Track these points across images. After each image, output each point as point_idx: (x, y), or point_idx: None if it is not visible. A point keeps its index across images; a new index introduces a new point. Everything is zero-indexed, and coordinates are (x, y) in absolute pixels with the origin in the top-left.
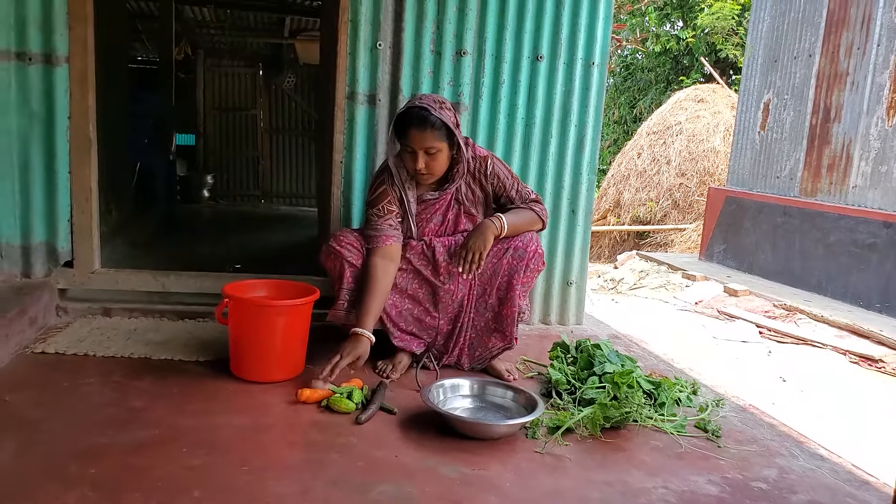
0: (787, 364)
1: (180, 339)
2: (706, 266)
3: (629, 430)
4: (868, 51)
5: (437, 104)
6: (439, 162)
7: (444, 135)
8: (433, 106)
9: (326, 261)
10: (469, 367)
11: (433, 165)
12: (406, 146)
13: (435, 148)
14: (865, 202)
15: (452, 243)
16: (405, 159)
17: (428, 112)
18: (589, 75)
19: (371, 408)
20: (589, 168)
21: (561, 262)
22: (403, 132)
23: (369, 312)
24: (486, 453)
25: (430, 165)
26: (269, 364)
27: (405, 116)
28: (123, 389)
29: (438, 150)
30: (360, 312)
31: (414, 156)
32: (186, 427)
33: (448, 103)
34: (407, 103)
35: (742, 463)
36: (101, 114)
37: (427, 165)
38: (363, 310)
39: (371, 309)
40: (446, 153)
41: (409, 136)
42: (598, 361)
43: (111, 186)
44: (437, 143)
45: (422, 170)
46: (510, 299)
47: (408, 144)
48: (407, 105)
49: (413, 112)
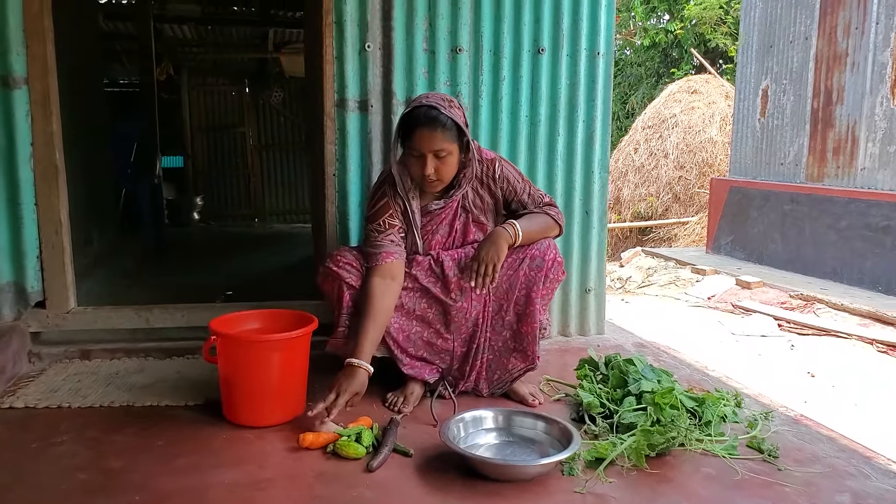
0: (812, 358)
1: (168, 381)
2: (714, 259)
3: (674, 455)
4: (867, 29)
5: (447, 102)
6: (449, 166)
7: (454, 136)
8: (442, 104)
9: (324, 283)
10: (488, 393)
11: (443, 170)
12: (413, 150)
13: (445, 151)
14: (875, 184)
15: (462, 256)
16: (410, 165)
17: (437, 111)
18: (594, 66)
19: (383, 451)
20: (601, 166)
21: (577, 269)
22: (409, 134)
23: (367, 339)
24: (518, 497)
25: (439, 170)
26: (265, 406)
27: (412, 116)
28: (100, 447)
29: (449, 153)
30: (356, 339)
31: (422, 160)
32: (172, 489)
33: (456, 102)
34: (412, 102)
35: (809, 489)
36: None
37: (437, 170)
38: (360, 336)
39: (368, 335)
40: (456, 156)
41: (417, 139)
42: (633, 379)
43: (90, 215)
44: (448, 146)
45: (430, 176)
46: (529, 315)
47: (415, 147)
48: (413, 104)
49: (421, 111)
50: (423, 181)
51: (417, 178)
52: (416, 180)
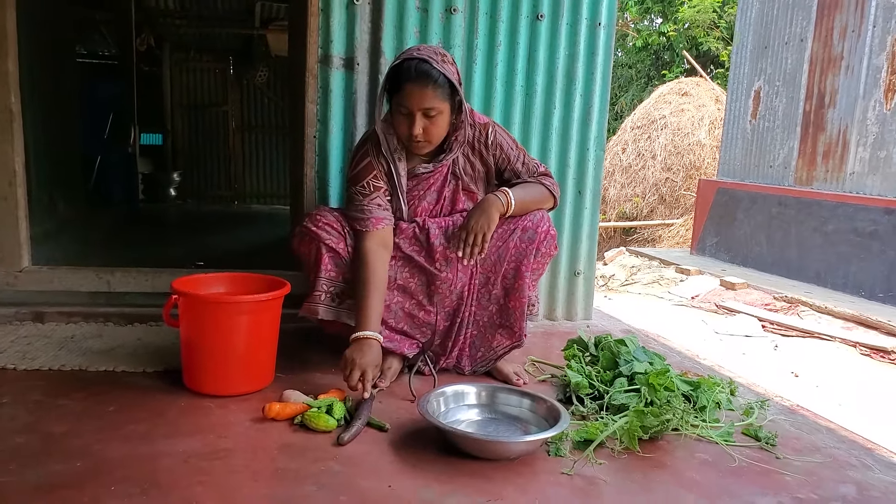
0: (795, 358)
1: (126, 347)
2: (699, 260)
3: (667, 440)
4: (863, 32)
5: (440, 56)
6: (439, 127)
7: (446, 94)
8: (435, 58)
9: (300, 245)
10: (471, 371)
11: (431, 131)
12: (400, 106)
13: (435, 110)
14: (864, 189)
15: (450, 224)
16: (397, 123)
17: (429, 65)
18: (595, 37)
19: (356, 424)
20: (596, 143)
21: (567, 250)
22: (397, 89)
23: (371, 309)
24: (500, 478)
25: (427, 131)
26: (230, 373)
27: (401, 69)
28: (43, 410)
29: (439, 113)
30: (361, 313)
31: (410, 118)
32: (118, 457)
33: (450, 57)
34: (402, 54)
35: (811, 478)
36: (36, 89)
37: (425, 131)
38: (366, 309)
39: (374, 307)
40: (447, 117)
41: (406, 94)
42: (625, 360)
43: (56, 179)
44: (439, 104)
45: (417, 136)
46: (518, 289)
47: (402, 104)
48: (403, 56)
49: (412, 64)
50: (409, 142)
51: (404, 138)
52: (402, 140)
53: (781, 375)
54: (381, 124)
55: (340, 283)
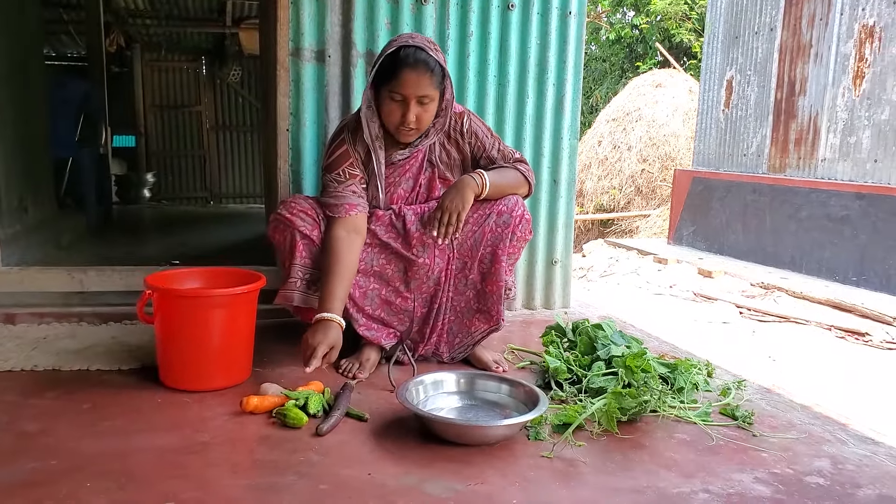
0: (773, 343)
1: (101, 346)
2: (676, 249)
3: (646, 422)
4: (831, 21)
5: (432, 45)
6: (429, 114)
7: (439, 82)
8: (429, 47)
9: (275, 233)
10: (449, 358)
11: (423, 118)
12: (394, 93)
13: (429, 97)
14: (835, 175)
15: (426, 210)
16: (388, 111)
17: (426, 53)
18: (566, 26)
19: (335, 414)
20: (570, 132)
21: (544, 239)
22: (391, 76)
23: (334, 296)
24: (481, 463)
25: (420, 118)
26: (207, 369)
27: (398, 57)
28: (15, 410)
29: (431, 100)
30: (323, 296)
31: (405, 105)
32: (94, 453)
33: (437, 45)
34: (396, 41)
35: (787, 454)
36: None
37: (417, 118)
38: (327, 292)
39: (336, 292)
40: (436, 104)
41: (402, 81)
42: (602, 344)
43: (26, 180)
44: (432, 92)
45: (411, 123)
46: (495, 273)
47: (398, 91)
48: (398, 43)
49: (409, 52)
50: (398, 128)
51: (393, 125)
52: (390, 127)
53: (759, 360)
54: (365, 110)
55: (314, 271)
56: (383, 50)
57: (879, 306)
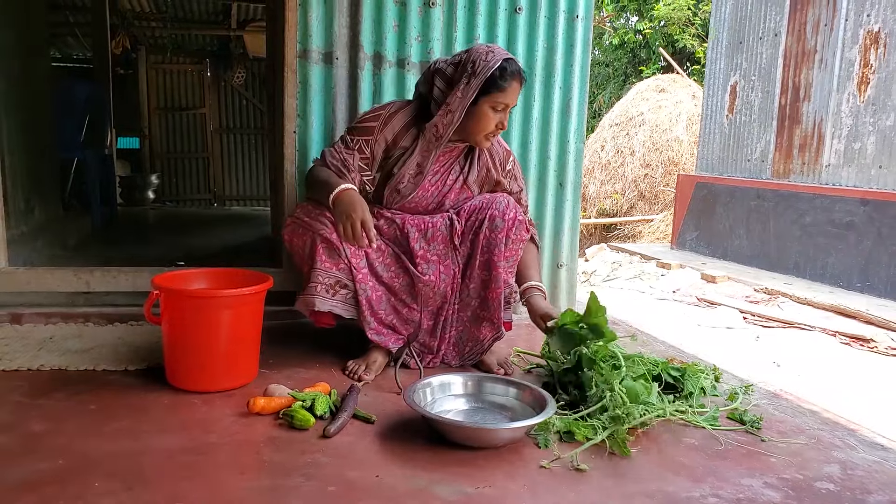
0: (777, 348)
1: (107, 346)
2: (679, 254)
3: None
4: (836, 26)
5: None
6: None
7: None
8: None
9: (293, 237)
10: (458, 364)
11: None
12: (498, 103)
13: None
14: (840, 180)
15: (429, 226)
16: (487, 120)
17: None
18: (573, 30)
19: (342, 416)
20: (577, 136)
21: (549, 243)
22: (497, 88)
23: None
24: (489, 465)
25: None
26: (214, 369)
27: (507, 69)
28: (23, 411)
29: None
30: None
31: (503, 113)
32: (102, 454)
33: None
34: (493, 55)
35: (796, 459)
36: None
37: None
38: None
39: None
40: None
41: (510, 92)
42: None
43: (33, 181)
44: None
45: (503, 129)
46: (494, 279)
47: (501, 101)
48: (498, 56)
49: (514, 64)
50: (489, 135)
51: (486, 132)
52: (479, 134)
53: (764, 365)
54: (447, 115)
55: (334, 274)
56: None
57: (884, 312)
